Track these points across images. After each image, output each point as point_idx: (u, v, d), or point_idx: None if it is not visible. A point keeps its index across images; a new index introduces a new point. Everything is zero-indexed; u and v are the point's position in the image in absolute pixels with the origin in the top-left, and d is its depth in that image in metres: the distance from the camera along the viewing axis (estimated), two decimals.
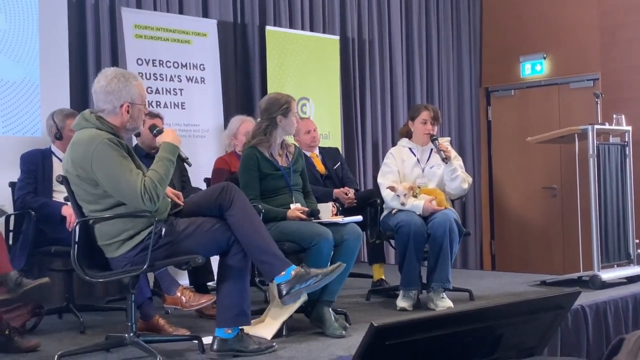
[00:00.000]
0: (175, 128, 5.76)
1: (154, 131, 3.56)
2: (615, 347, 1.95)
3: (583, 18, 7.93)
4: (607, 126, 5.76)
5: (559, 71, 8.20)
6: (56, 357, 3.28)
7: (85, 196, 3.34)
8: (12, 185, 4.54)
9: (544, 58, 8.29)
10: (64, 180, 3.37)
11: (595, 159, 5.44)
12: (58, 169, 4.33)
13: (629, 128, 5.81)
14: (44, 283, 3.58)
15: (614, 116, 5.87)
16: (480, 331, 2.51)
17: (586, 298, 4.79)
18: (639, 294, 5.17)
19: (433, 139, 4.86)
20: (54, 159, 4.49)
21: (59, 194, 4.31)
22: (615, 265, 5.62)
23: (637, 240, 5.79)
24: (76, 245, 3.31)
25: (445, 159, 4.77)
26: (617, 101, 7.19)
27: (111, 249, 3.37)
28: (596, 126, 5.51)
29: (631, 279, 5.54)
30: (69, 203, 3.58)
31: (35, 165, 4.45)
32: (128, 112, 3.40)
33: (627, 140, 5.80)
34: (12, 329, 3.73)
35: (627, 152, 5.77)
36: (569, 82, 8.15)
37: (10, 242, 4.27)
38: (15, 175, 4.53)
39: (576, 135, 5.56)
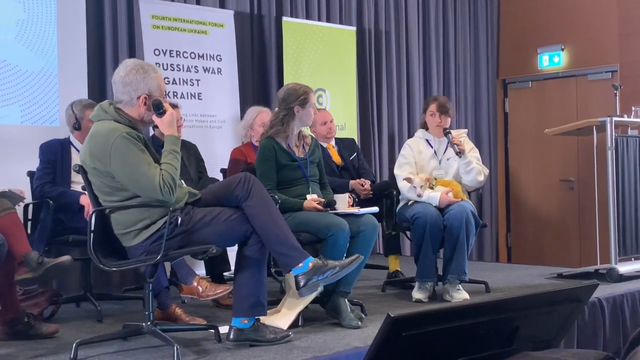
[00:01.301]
0: (191, 119, 5.81)
1: (160, 110, 3.42)
2: (636, 339, 1.95)
3: (601, 9, 7.88)
4: (625, 118, 5.73)
5: (577, 63, 8.15)
6: (74, 345, 3.29)
7: (102, 187, 3.36)
8: (30, 174, 4.57)
9: (562, 49, 8.24)
10: (81, 170, 3.39)
11: (614, 151, 5.41)
12: (76, 159, 4.34)
13: None
14: (65, 261, 3.60)
15: (633, 108, 5.83)
16: (496, 323, 2.51)
17: (603, 291, 4.77)
18: None
19: (446, 133, 4.85)
20: (72, 150, 4.51)
21: (77, 184, 4.34)
22: (633, 259, 5.60)
23: None
24: (92, 234, 3.33)
25: (459, 153, 4.75)
26: (636, 93, 7.13)
27: (128, 238, 3.38)
28: (615, 118, 5.48)
29: None
30: (87, 192, 3.60)
31: (54, 155, 4.47)
32: (145, 104, 3.40)
33: None
34: (30, 316, 3.77)
35: None
36: (587, 74, 8.10)
37: (29, 230, 4.30)
38: (33, 164, 4.56)
39: (594, 127, 5.53)
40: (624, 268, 5.38)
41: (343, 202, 4.18)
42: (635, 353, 1.88)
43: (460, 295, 4.54)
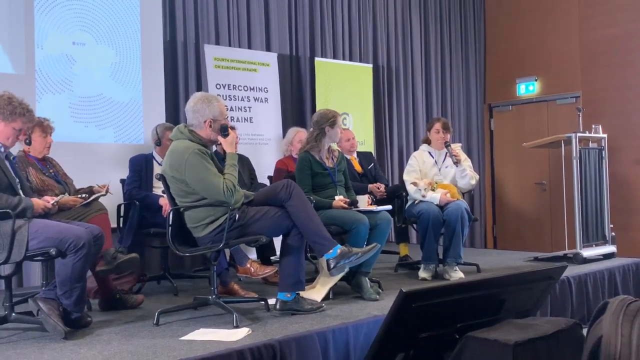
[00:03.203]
0: (244, 137, 5.84)
1: (225, 133, 3.45)
2: (600, 310, 1.92)
3: (567, 48, 7.81)
4: (587, 134, 5.68)
5: (548, 90, 8.08)
6: (156, 313, 3.34)
7: (178, 192, 3.39)
8: (122, 181, 4.64)
9: (536, 80, 8.17)
10: (162, 178, 3.42)
11: (578, 160, 5.37)
12: (157, 169, 4.42)
13: (605, 135, 5.73)
14: (133, 257, 3.63)
15: (593, 126, 5.78)
16: (486, 297, 2.50)
17: (571, 271, 4.72)
18: (613, 267, 5.09)
19: (447, 145, 4.83)
20: (155, 162, 4.57)
21: (157, 189, 4.39)
22: (594, 245, 5.53)
23: (611, 225, 5.70)
24: (170, 228, 3.36)
25: (456, 163, 4.74)
26: (595, 114, 7.05)
27: (197, 231, 3.40)
28: (578, 134, 5.43)
29: (606, 256, 5.47)
30: (165, 195, 3.64)
31: (140, 166, 4.52)
32: (210, 126, 3.43)
33: (603, 145, 5.71)
34: (121, 291, 3.82)
35: (603, 155, 5.68)
36: (556, 99, 8.02)
37: (121, 225, 4.36)
38: (124, 173, 4.63)
39: (562, 141, 5.49)
40: (587, 252, 5.33)
41: (363, 202, 4.18)
42: (599, 322, 1.86)
43: (457, 274, 4.52)
